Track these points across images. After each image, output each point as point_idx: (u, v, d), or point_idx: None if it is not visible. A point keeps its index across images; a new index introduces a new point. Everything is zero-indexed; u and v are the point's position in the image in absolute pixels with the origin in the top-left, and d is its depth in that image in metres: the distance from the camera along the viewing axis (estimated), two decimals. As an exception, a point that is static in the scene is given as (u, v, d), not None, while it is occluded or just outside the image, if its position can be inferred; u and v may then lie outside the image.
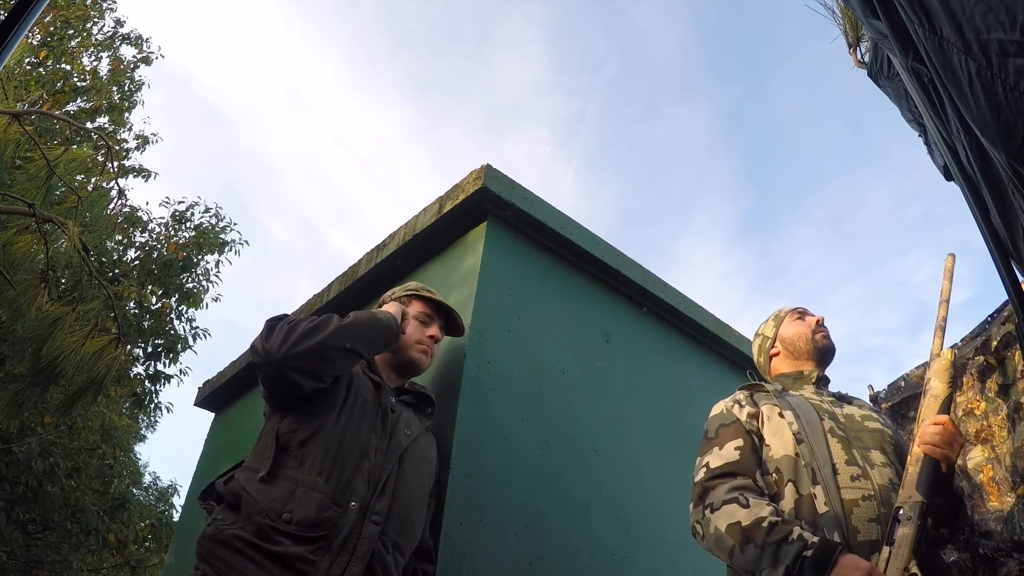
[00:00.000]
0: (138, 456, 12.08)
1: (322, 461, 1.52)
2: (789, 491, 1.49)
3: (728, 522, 1.45)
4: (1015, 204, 1.26)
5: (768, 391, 1.72)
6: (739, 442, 1.59)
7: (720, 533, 1.45)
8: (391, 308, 1.89)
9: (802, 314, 1.93)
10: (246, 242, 8.88)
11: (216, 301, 8.43)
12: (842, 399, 1.75)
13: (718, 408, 1.74)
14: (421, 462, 1.73)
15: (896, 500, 1.45)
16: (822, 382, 1.79)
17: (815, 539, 1.35)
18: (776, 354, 1.90)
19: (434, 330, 1.93)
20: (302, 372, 1.56)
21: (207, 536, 1.44)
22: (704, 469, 1.59)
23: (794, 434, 1.56)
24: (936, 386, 1.53)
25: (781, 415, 1.61)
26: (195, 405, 3.87)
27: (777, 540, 1.36)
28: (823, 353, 1.83)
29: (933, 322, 1.79)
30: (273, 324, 1.61)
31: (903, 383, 3.15)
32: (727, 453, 1.58)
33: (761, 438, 1.62)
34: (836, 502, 1.43)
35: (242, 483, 1.50)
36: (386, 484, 1.56)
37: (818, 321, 1.88)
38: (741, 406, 1.69)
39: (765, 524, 1.40)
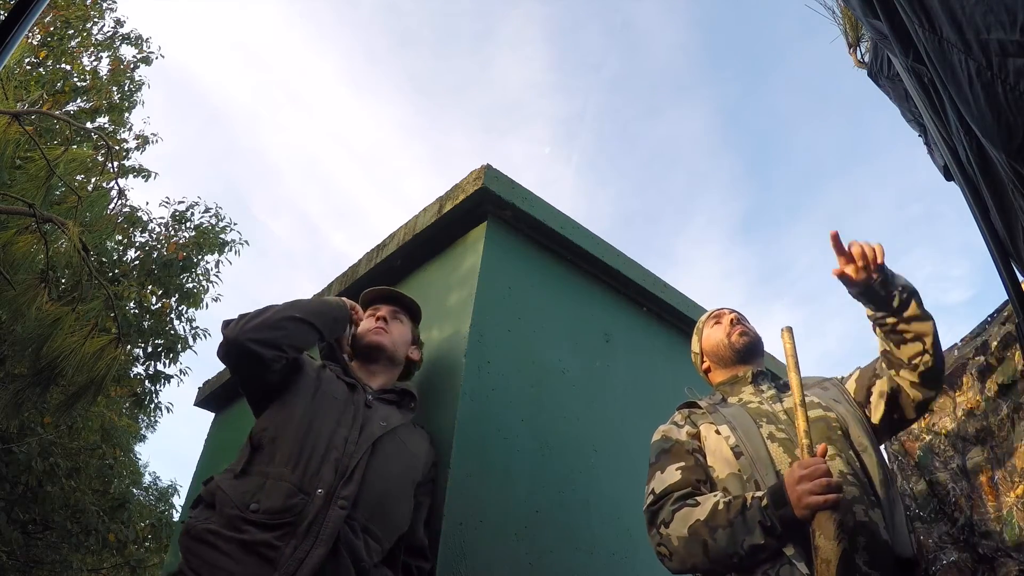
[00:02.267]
0: (138, 456, 12.09)
1: (289, 453, 1.57)
2: None
3: (687, 524, 1.45)
4: (1015, 204, 1.26)
5: (703, 408, 1.71)
6: (680, 463, 1.59)
7: (686, 538, 1.44)
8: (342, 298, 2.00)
9: (717, 317, 1.92)
10: (246, 242, 8.90)
11: (216, 301, 8.45)
12: (784, 389, 1.73)
13: (658, 434, 1.73)
14: (400, 452, 1.74)
15: (850, 492, 1.44)
16: (759, 378, 1.77)
17: (762, 491, 1.40)
18: (707, 368, 1.91)
19: (381, 312, 2.02)
20: (258, 342, 1.66)
21: (183, 533, 1.50)
22: (650, 496, 1.59)
23: (732, 448, 1.55)
24: (824, 545, 1.28)
25: (717, 432, 1.60)
26: (195, 405, 3.87)
27: (739, 511, 1.39)
28: (743, 353, 1.81)
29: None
30: (228, 321, 1.74)
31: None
32: (669, 475, 1.58)
33: (704, 457, 1.61)
34: None
35: (217, 482, 1.57)
36: (355, 471, 1.59)
37: (731, 320, 1.87)
38: (679, 427, 1.69)
39: (721, 506, 1.42)
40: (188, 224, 8.55)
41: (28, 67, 7.39)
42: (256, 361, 1.67)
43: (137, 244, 8.21)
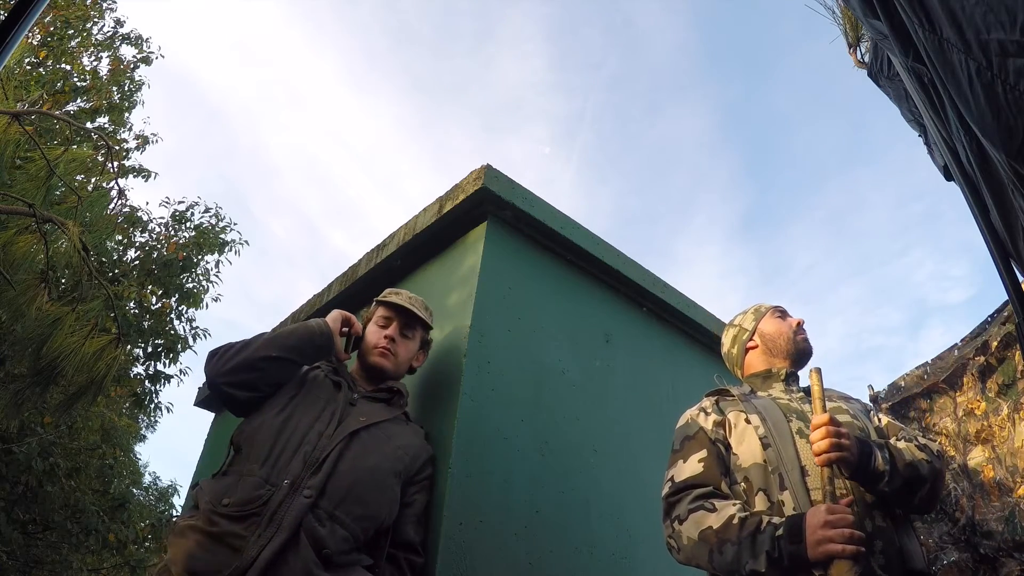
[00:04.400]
0: (138, 456, 12.11)
1: (260, 451, 1.65)
2: (760, 500, 1.49)
3: (699, 529, 1.45)
4: (1015, 204, 1.25)
5: (734, 396, 1.71)
6: (703, 453, 1.59)
7: (695, 542, 1.45)
8: (331, 315, 1.98)
9: (783, 313, 1.92)
10: (246, 242, 8.88)
11: (216, 301, 8.43)
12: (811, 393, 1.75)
13: (684, 418, 1.73)
14: (379, 445, 1.75)
15: (869, 497, 1.45)
16: (791, 378, 1.78)
17: (781, 519, 1.38)
18: (754, 347, 1.88)
19: (391, 330, 1.99)
20: (234, 385, 1.76)
21: (170, 531, 1.58)
22: (669, 483, 1.59)
23: (760, 439, 1.55)
24: None
25: (747, 420, 1.60)
26: (195, 405, 3.86)
27: (751, 532, 1.38)
28: (801, 354, 1.82)
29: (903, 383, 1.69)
30: (213, 353, 1.81)
31: (903, 383, 3.15)
32: (690, 466, 1.58)
33: (728, 446, 1.61)
34: (805, 505, 1.42)
35: (201, 484, 1.64)
36: (324, 462, 1.63)
37: (799, 323, 1.87)
38: (707, 414, 1.68)
39: (736, 521, 1.41)
40: (188, 224, 8.54)
41: (28, 67, 7.38)
42: (235, 402, 1.79)
43: (137, 244, 8.20)
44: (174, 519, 2.03)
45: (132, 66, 8.50)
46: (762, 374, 1.80)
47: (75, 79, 7.86)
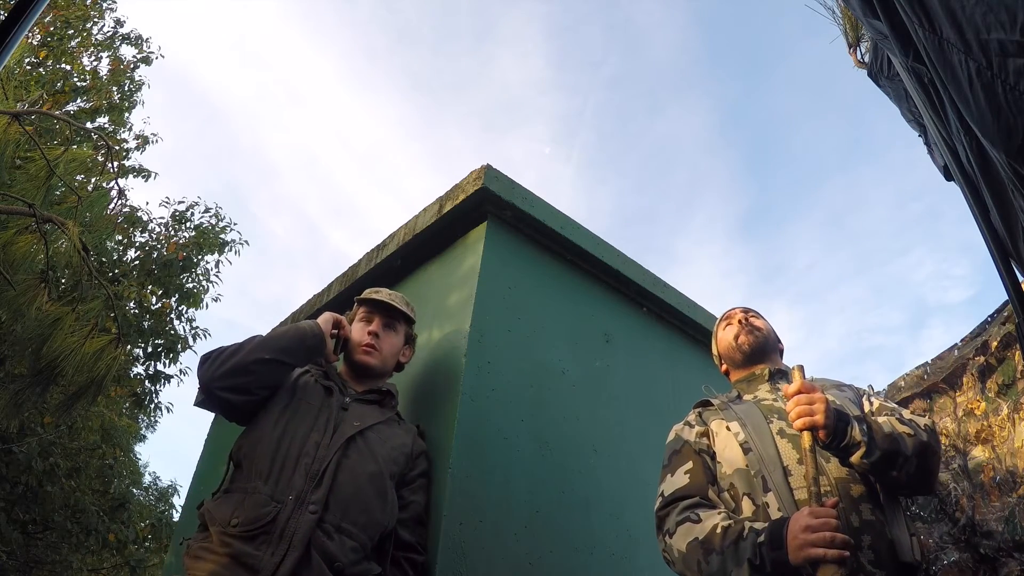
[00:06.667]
0: (138, 456, 12.10)
1: (263, 467, 1.65)
2: (746, 504, 1.49)
3: (686, 541, 1.46)
4: (1015, 204, 1.26)
5: (715, 405, 1.72)
6: (688, 465, 1.61)
7: (684, 554, 1.46)
8: (322, 317, 1.97)
9: (728, 319, 1.92)
10: (246, 242, 8.89)
11: (216, 301, 8.44)
12: None
13: (671, 433, 1.76)
14: (375, 449, 1.75)
15: (857, 491, 1.45)
16: (777, 376, 1.78)
17: (763, 525, 1.38)
18: (726, 371, 1.93)
19: (374, 326, 2.00)
20: (228, 389, 1.75)
21: (184, 554, 1.59)
22: (660, 498, 1.62)
23: (741, 444, 1.56)
24: None
25: (728, 428, 1.61)
26: (195, 405, 3.85)
27: (733, 540, 1.38)
28: (750, 354, 1.81)
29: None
30: (205, 358, 1.80)
31: (903, 383, 3.15)
32: (677, 479, 1.60)
33: (713, 456, 1.62)
34: (789, 505, 1.42)
35: (206, 505, 1.65)
36: (324, 474, 1.63)
37: (739, 320, 1.87)
38: (691, 427, 1.71)
39: (719, 530, 1.42)
40: (188, 224, 8.54)
41: (28, 67, 7.39)
42: (225, 404, 1.78)
43: (137, 244, 8.20)
44: (189, 541, 1.94)
45: (132, 66, 8.51)
46: (746, 378, 1.82)
47: (75, 79, 7.87)
